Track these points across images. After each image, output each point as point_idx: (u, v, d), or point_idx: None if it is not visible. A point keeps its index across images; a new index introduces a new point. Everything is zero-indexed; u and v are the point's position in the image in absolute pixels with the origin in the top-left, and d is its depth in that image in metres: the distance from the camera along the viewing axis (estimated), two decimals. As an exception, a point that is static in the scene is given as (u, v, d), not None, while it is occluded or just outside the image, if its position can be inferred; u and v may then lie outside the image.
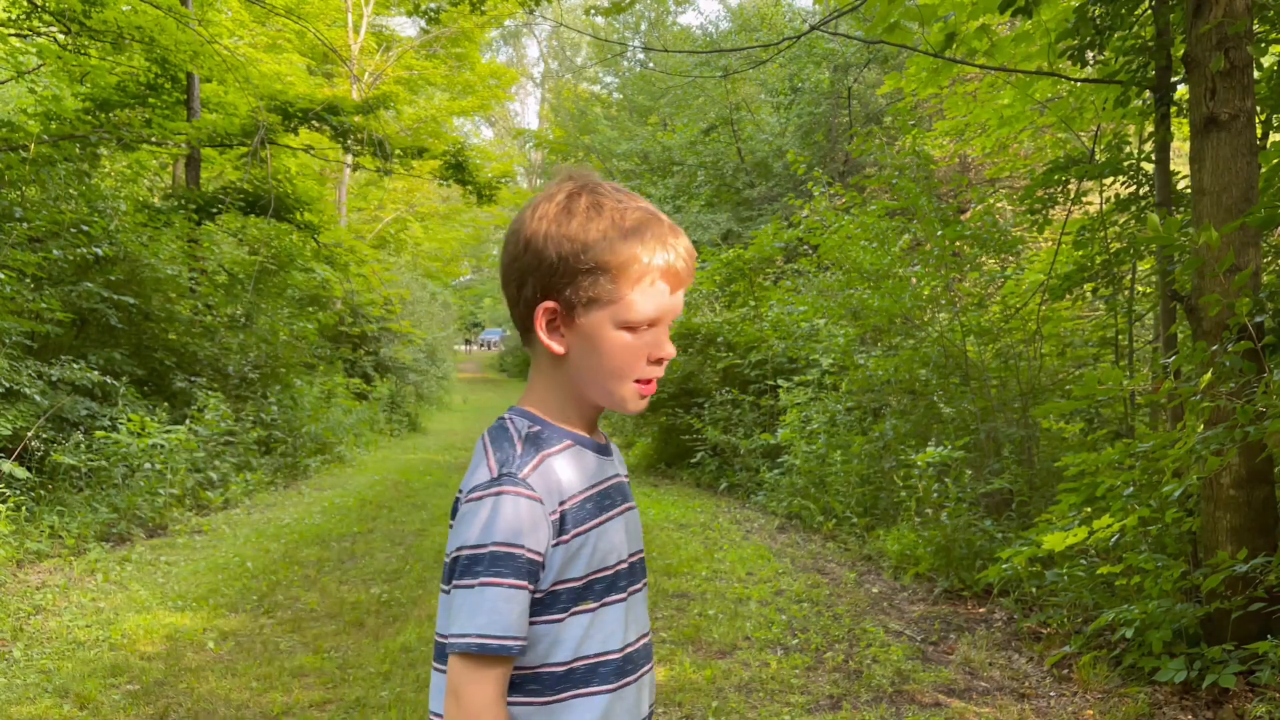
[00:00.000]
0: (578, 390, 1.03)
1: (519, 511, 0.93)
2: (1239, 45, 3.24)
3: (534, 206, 1.01)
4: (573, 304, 0.98)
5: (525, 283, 0.99)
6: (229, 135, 9.68)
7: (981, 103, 5.70)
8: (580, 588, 0.98)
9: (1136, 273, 5.20)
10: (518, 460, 0.96)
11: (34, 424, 5.64)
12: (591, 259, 0.96)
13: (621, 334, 0.99)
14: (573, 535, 0.97)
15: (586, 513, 0.99)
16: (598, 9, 5.29)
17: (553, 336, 1.00)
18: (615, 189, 1.02)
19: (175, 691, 3.37)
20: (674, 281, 1.00)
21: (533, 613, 0.96)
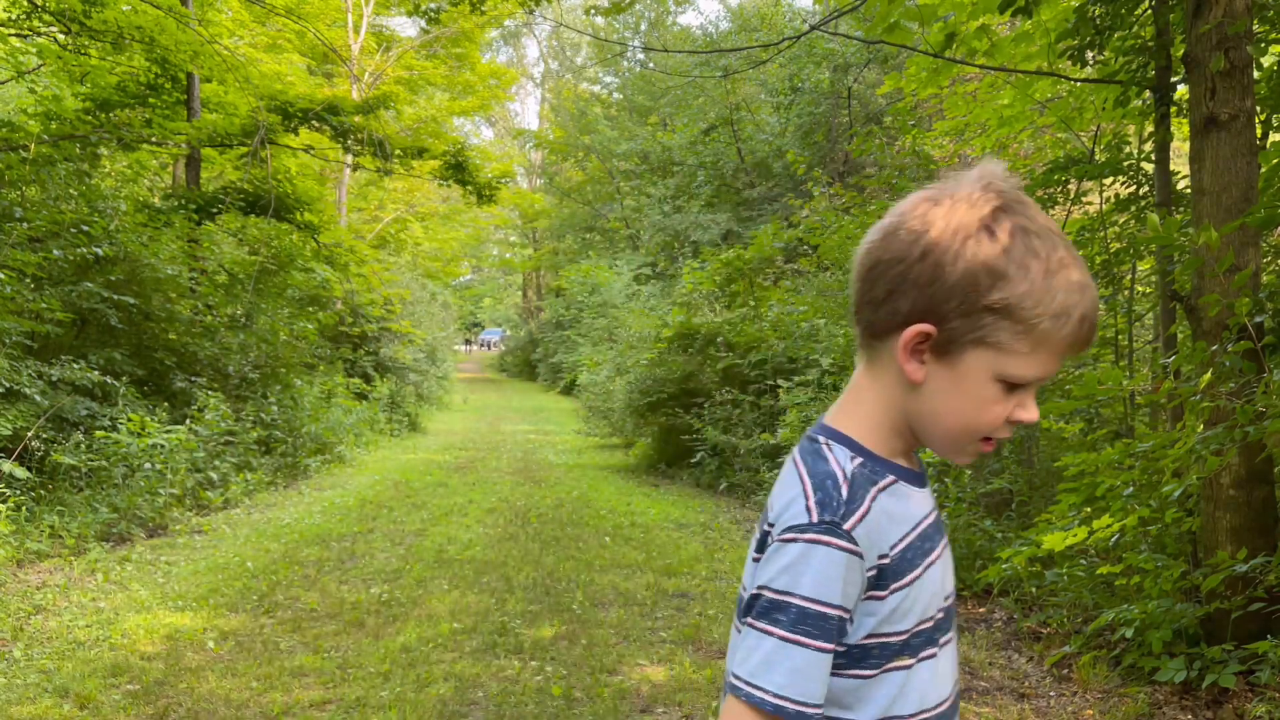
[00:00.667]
0: (915, 423, 0.91)
1: (836, 568, 0.84)
2: (1239, 45, 3.24)
3: (944, 205, 0.85)
4: (956, 338, 0.85)
5: (904, 292, 0.85)
6: (229, 135, 9.68)
7: (981, 103, 5.70)
8: (899, 644, 0.88)
9: (1136, 273, 5.20)
10: (843, 506, 0.86)
11: (34, 424, 5.64)
12: (1006, 302, 0.82)
13: (996, 386, 0.86)
14: (891, 591, 0.87)
15: (907, 563, 0.89)
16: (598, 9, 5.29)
17: (913, 361, 0.87)
18: (1043, 221, 0.86)
19: (175, 691, 3.37)
20: (1073, 352, 0.87)
21: (834, 669, 0.87)
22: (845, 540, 0.84)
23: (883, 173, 6.73)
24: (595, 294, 18.67)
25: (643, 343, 10.73)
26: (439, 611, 4.41)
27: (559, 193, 29.58)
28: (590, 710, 3.25)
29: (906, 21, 4.47)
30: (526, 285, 40.11)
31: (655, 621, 4.30)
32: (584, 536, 6.29)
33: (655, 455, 9.94)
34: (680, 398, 9.21)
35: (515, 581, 5.01)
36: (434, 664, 3.67)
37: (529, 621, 4.27)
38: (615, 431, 11.89)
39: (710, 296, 10.53)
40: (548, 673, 3.61)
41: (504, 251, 41.69)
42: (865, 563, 0.85)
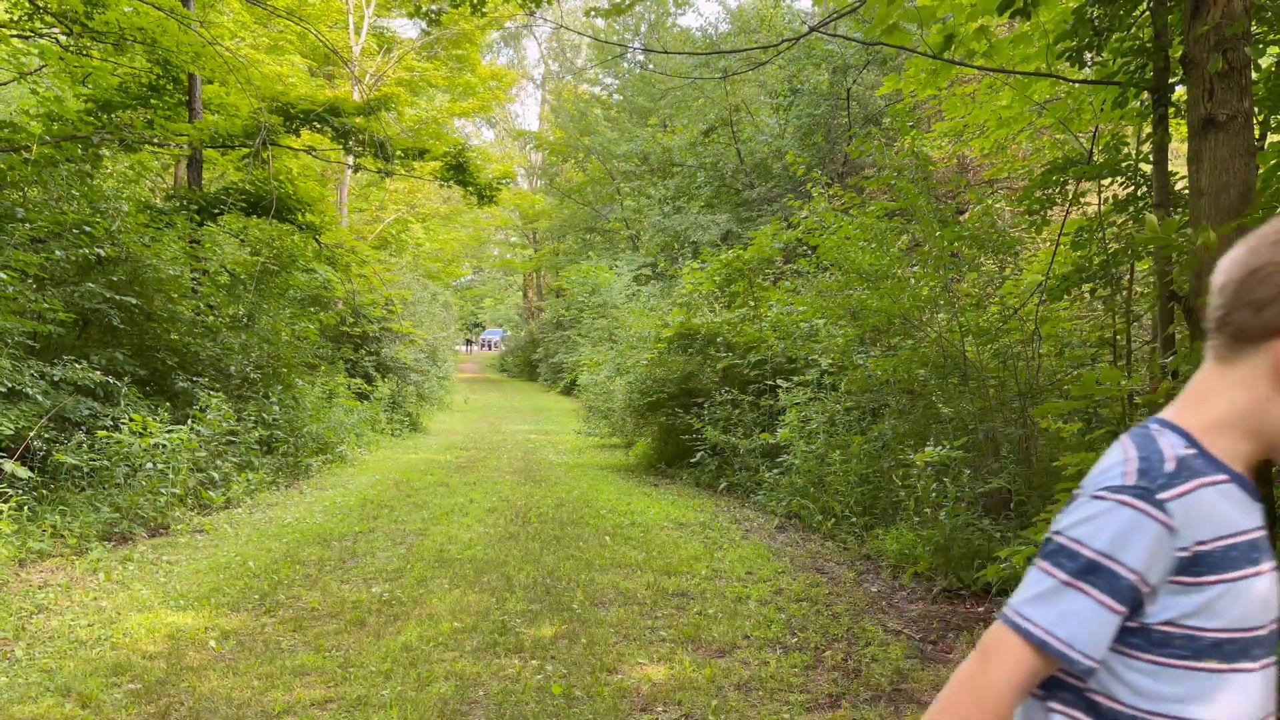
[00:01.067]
0: (1266, 434, 0.91)
1: (1140, 531, 0.85)
2: (1237, 46, 3.25)
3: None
4: None
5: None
6: (231, 136, 9.70)
7: (980, 104, 5.71)
8: (1209, 643, 0.87)
9: (1134, 273, 5.22)
10: (1163, 478, 0.87)
11: (36, 424, 5.65)
12: None
13: None
14: (1210, 580, 0.86)
15: (1230, 561, 0.88)
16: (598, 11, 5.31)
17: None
18: None
19: (177, 690, 3.39)
20: None
21: (1125, 641, 0.87)
22: (1158, 510, 0.85)
23: (882, 174, 6.74)
24: (595, 294, 18.68)
25: (643, 343, 10.74)
26: (440, 611, 4.43)
27: (559, 193, 29.59)
28: (590, 709, 3.26)
29: (905, 23, 4.48)
30: (527, 286, 40.13)
31: (655, 621, 4.31)
32: (584, 536, 6.30)
33: (655, 455, 9.95)
34: (680, 398, 9.22)
35: (516, 581, 5.02)
36: (435, 663, 3.69)
37: (529, 621, 4.28)
38: (615, 431, 11.89)
39: (710, 297, 10.54)
40: (548, 671, 3.62)
41: (504, 252, 41.71)
42: (1176, 540, 0.85)
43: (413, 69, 19.06)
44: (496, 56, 38.68)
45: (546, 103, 39.26)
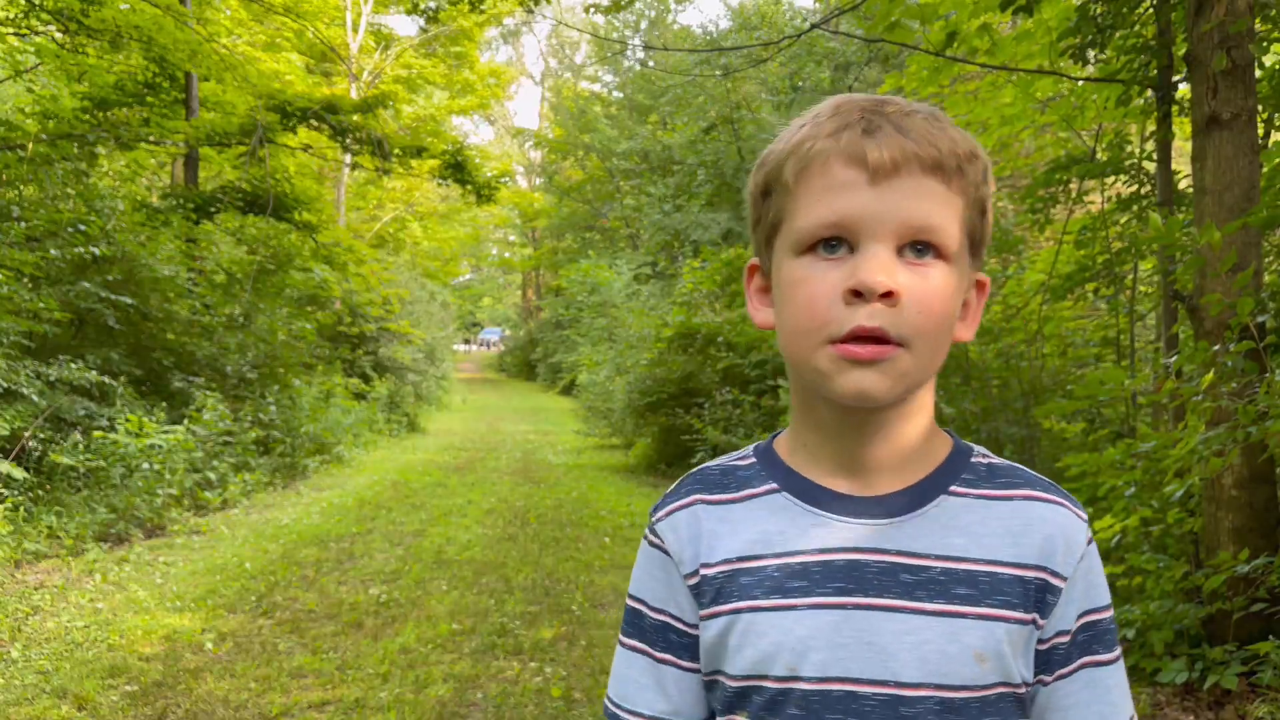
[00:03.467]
0: (798, 385, 0.72)
1: (645, 560, 0.75)
2: (1241, 44, 3.22)
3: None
4: (761, 249, 0.72)
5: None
6: (227, 134, 9.66)
7: (983, 101, 5.68)
8: (733, 692, 0.69)
9: (1138, 272, 5.19)
10: (663, 497, 0.77)
11: (32, 424, 5.62)
12: (763, 180, 0.70)
13: (797, 265, 0.66)
14: (709, 613, 0.70)
15: (743, 586, 0.68)
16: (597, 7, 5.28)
17: (760, 306, 0.74)
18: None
19: (174, 692, 3.36)
20: (859, 165, 0.64)
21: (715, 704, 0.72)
22: (650, 532, 0.76)
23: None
24: (595, 293, 18.65)
25: (643, 342, 10.72)
26: (438, 612, 4.40)
27: (558, 192, 29.56)
28: (590, 711, 3.24)
29: (907, 20, 4.45)
30: (526, 285, 40.10)
31: (655, 622, 4.29)
32: (583, 537, 6.27)
33: (655, 455, 9.92)
34: (680, 398, 9.20)
35: (514, 582, 4.99)
36: (433, 665, 3.66)
37: (528, 622, 4.26)
38: (615, 431, 11.87)
39: (710, 296, 10.51)
40: (547, 674, 3.59)
41: (503, 251, 41.68)
42: (679, 563, 0.72)
43: (410, 66, 19.02)
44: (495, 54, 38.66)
45: (545, 100, 39.23)
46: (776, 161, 0.69)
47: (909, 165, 0.64)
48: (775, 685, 0.67)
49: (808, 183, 0.66)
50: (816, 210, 0.65)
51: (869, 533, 0.68)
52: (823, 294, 0.64)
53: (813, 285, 0.65)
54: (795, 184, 0.66)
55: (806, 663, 0.66)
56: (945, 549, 0.67)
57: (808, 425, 0.72)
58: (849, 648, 0.65)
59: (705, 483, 0.75)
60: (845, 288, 0.63)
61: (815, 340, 0.65)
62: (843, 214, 0.64)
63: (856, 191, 0.64)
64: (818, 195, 0.65)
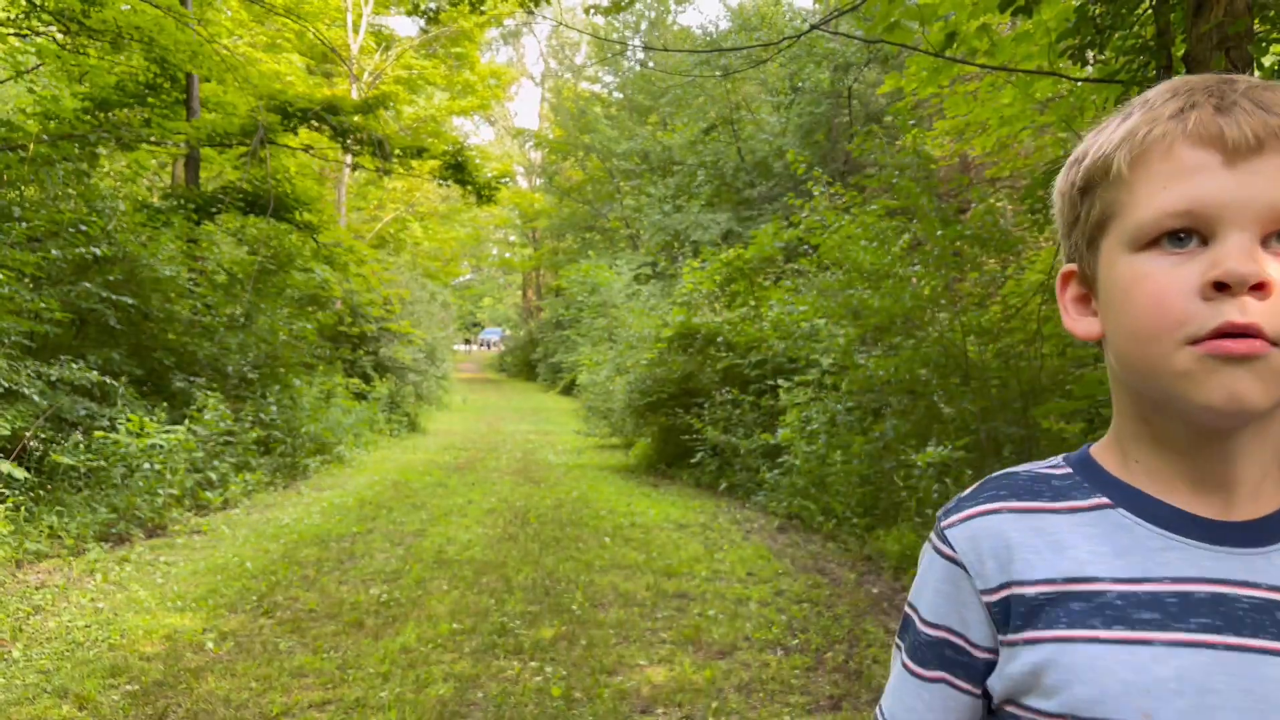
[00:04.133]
0: (1132, 397, 0.62)
1: (929, 569, 0.66)
2: (1239, 45, 3.23)
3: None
4: (1082, 251, 0.63)
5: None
6: (228, 135, 9.67)
7: (982, 102, 5.69)
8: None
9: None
10: (957, 500, 0.67)
11: (33, 424, 5.63)
12: (1084, 174, 0.62)
13: (1136, 261, 0.58)
14: (1023, 639, 0.60)
15: (1074, 612, 0.58)
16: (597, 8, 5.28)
17: (1079, 316, 0.65)
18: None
19: (174, 692, 3.36)
20: (1214, 145, 0.56)
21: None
22: (938, 539, 0.66)
23: (883, 172, 6.72)
24: (595, 294, 18.65)
25: (643, 343, 10.72)
26: (438, 612, 4.41)
27: (559, 192, 29.56)
28: (590, 711, 3.24)
29: (907, 21, 4.46)
30: (526, 285, 40.10)
31: (655, 622, 4.29)
32: (583, 537, 6.28)
33: (655, 455, 9.93)
34: (680, 398, 9.20)
35: (515, 582, 5.00)
36: (433, 664, 3.67)
37: (529, 622, 4.26)
38: (615, 431, 11.87)
39: (710, 296, 10.52)
40: (547, 673, 3.60)
41: (504, 251, 41.68)
42: (975, 578, 0.63)
43: (411, 67, 19.03)
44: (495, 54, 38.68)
45: (546, 101, 39.23)
46: (1101, 153, 0.60)
47: (1274, 143, 0.55)
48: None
49: (1147, 169, 0.57)
50: (1162, 199, 0.56)
51: (1235, 563, 0.58)
52: (1175, 290, 0.55)
53: (1160, 281, 0.56)
54: (1131, 173, 0.58)
55: (1168, 709, 0.55)
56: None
57: (1142, 441, 0.62)
58: (1222, 694, 0.55)
59: (1012, 488, 0.65)
60: (1205, 280, 0.54)
61: (1170, 342, 0.55)
62: (1195, 201, 0.55)
63: (1211, 175, 0.55)
64: (1162, 182, 0.57)
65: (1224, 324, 0.53)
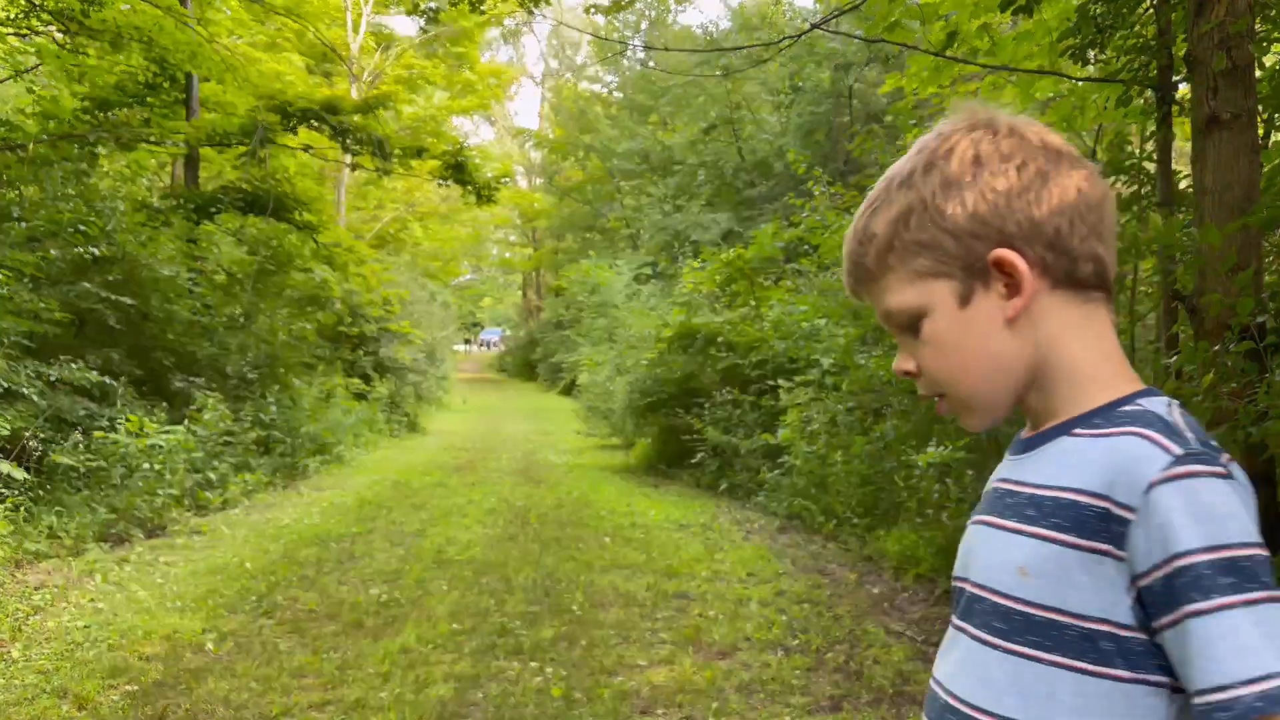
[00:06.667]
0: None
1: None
2: (1241, 44, 3.22)
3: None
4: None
5: None
6: (228, 135, 9.67)
7: (983, 102, 5.68)
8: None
9: (1138, 272, 5.19)
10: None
11: (32, 424, 5.62)
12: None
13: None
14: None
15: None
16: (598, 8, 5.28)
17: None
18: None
19: (174, 692, 3.36)
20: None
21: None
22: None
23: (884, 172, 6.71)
24: (595, 294, 18.64)
25: (643, 343, 10.71)
26: (438, 612, 4.40)
27: (559, 192, 29.56)
28: (590, 711, 3.24)
29: (908, 20, 4.46)
30: (526, 285, 40.11)
31: (655, 622, 4.28)
32: (584, 537, 6.27)
33: (655, 455, 9.92)
34: (680, 398, 9.19)
35: (515, 582, 4.99)
36: (433, 665, 3.66)
37: (529, 622, 4.26)
38: (615, 432, 11.86)
39: (710, 296, 10.51)
40: (547, 674, 3.59)
41: (504, 251, 41.68)
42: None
43: (411, 66, 19.04)
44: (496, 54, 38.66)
45: (546, 100, 39.23)
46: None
47: (858, 287, 0.82)
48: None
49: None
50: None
51: (1007, 466, 0.80)
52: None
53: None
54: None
55: (958, 561, 0.81)
56: (1039, 477, 0.73)
57: None
58: (964, 554, 0.80)
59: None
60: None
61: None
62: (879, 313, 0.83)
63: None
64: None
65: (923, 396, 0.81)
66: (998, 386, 0.76)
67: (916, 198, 0.76)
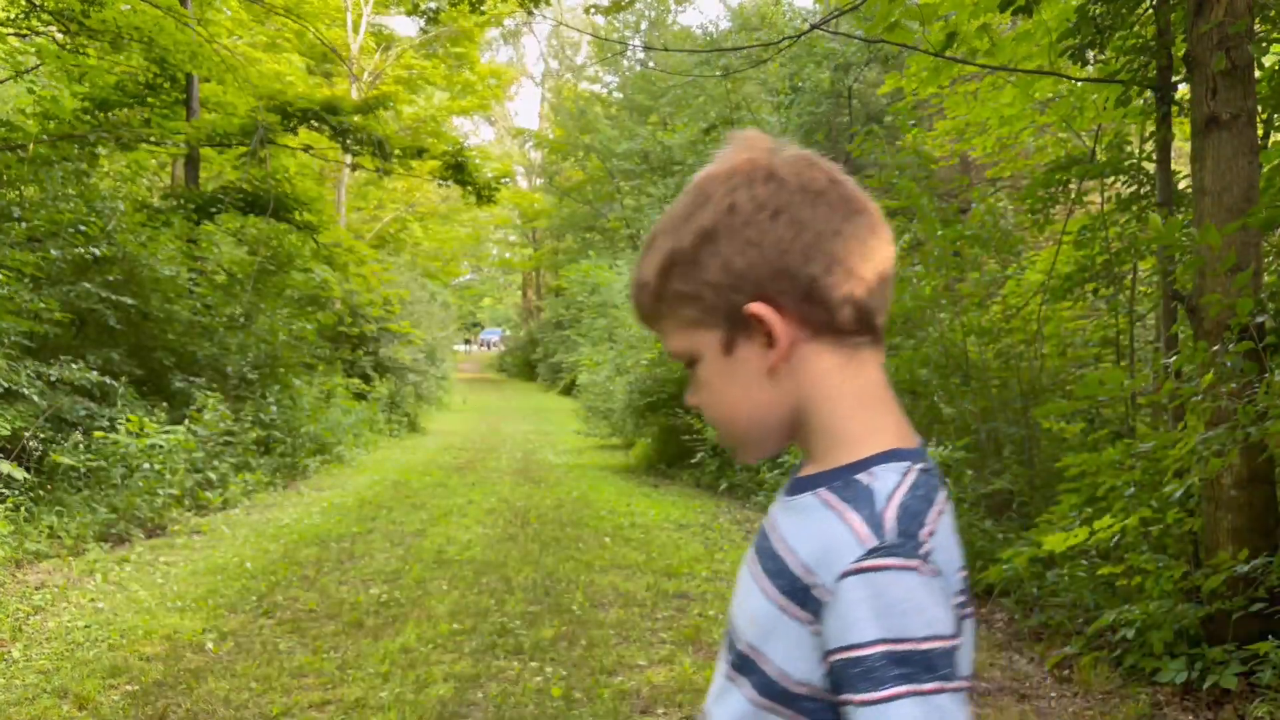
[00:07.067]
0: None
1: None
2: (1240, 45, 3.23)
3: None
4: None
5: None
6: (228, 135, 9.67)
7: (982, 102, 5.69)
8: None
9: (1138, 273, 5.20)
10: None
11: (32, 424, 5.63)
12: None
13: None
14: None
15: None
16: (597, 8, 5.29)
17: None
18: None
19: (174, 692, 3.36)
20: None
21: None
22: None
23: (883, 172, 6.71)
24: (595, 294, 18.62)
25: (643, 343, 10.71)
26: (438, 612, 4.41)
27: (559, 192, 29.55)
28: (590, 711, 3.24)
29: (907, 20, 4.46)
30: (526, 285, 40.10)
31: (655, 622, 4.29)
32: (584, 537, 6.28)
33: (655, 455, 9.93)
34: (680, 398, 9.18)
35: (515, 582, 5.00)
36: (433, 665, 3.66)
37: (529, 622, 4.26)
38: (615, 431, 11.87)
39: (710, 296, 10.49)
40: (547, 673, 3.60)
41: (504, 251, 41.67)
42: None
43: (411, 67, 19.04)
44: (496, 54, 38.68)
45: (546, 100, 39.24)
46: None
47: (642, 325, 0.84)
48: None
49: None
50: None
51: (779, 503, 0.81)
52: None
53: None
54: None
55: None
56: (785, 529, 0.76)
57: None
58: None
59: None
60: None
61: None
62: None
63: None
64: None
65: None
66: (763, 431, 0.78)
67: (678, 248, 0.77)
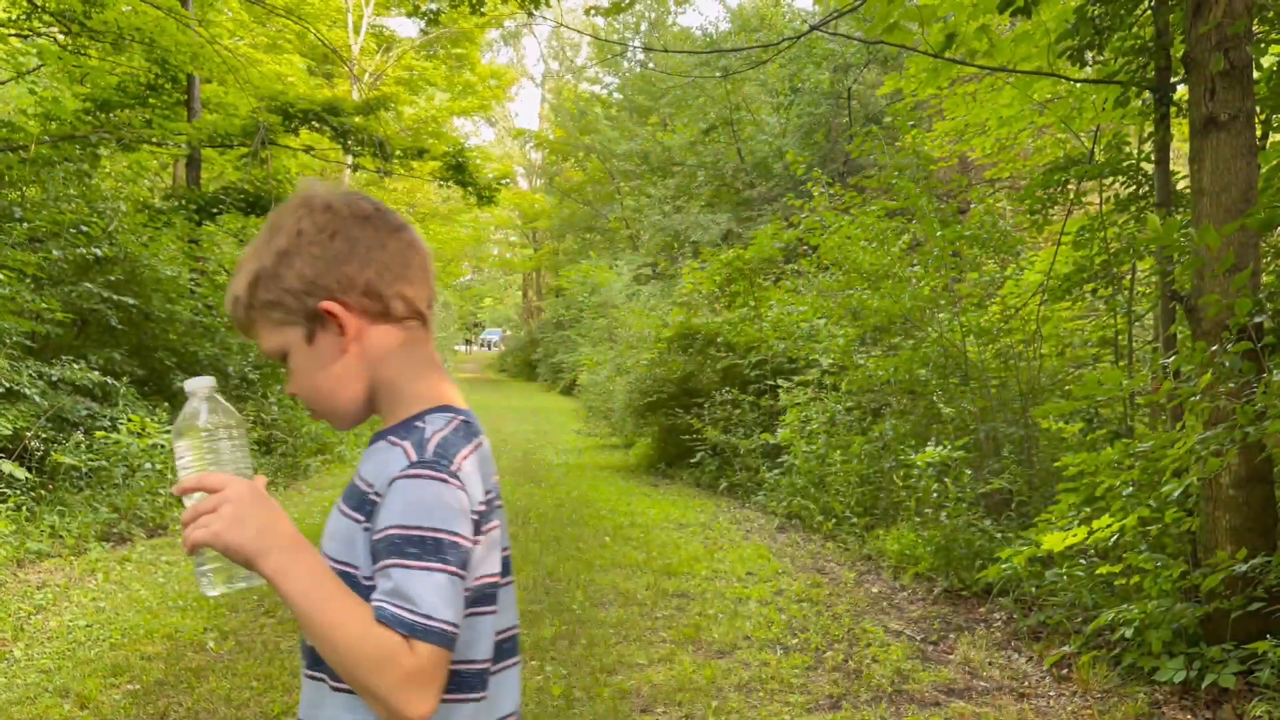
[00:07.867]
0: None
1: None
2: (1239, 45, 3.24)
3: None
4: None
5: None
6: (229, 136, 9.68)
7: (981, 103, 5.70)
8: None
9: (1136, 273, 5.21)
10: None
11: (34, 424, 5.64)
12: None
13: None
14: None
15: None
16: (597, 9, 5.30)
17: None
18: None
19: (176, 691, 3.37)
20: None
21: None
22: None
23: (883, 173, 6.73)
24: (595, 294, 18.64)
25: (643, 343, 10.73)
26: (439, 611, 4.41)
27: (559, 193, 29.57)
28: (590, 710, 3.25)
29: (906, 22, 4.47)
30: (526, 285, 40.12)
31: (655, 621, 4.30)
32: (584, 536, 6.29)
33: (655, 455, 9.93)
34: (680, 398, 9.21)
35: (515, 581, 5.00)
36: (434, 664, 3.67)
37: (529, 621, 4.27)
38: (615, 431, 11.88)
39: (710, 297, 10.52)
40: (547, 672, 3.61)
41: (504, 251, 41.68)
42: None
43: (412, 68, 19.06)
44: (496, 55, 38.71)
45: (546, 101, 39.25)
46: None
47: (241, 332, 1.06)
48: None
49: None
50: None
51: (362, 457, 1.03)
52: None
53: None
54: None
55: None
56: (362, 469, 0.99)
57: None
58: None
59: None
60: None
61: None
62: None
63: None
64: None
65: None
66: (345, 401, 1.03)
67: (261, 266, 0.99)
